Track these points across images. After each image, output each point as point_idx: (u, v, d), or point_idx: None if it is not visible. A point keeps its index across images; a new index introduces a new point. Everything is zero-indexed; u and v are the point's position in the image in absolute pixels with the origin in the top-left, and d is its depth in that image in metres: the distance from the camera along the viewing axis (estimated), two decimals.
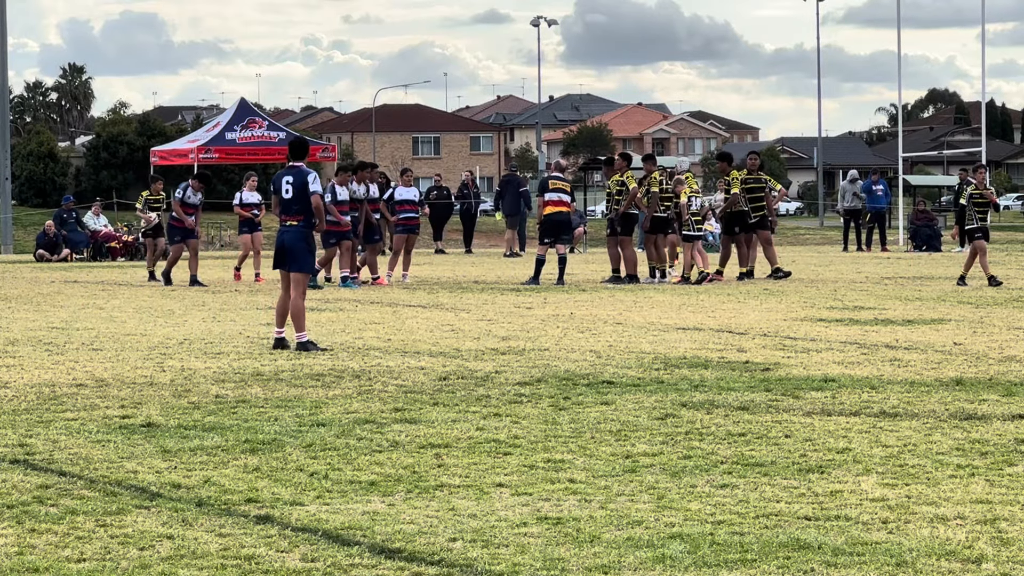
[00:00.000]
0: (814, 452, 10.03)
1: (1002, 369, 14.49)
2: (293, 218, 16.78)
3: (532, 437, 10.70)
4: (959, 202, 36.79)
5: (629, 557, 7.18)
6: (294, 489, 8.93)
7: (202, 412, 11.97)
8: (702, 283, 28.49)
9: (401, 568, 7.06)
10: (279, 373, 14.45)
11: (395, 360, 15.49)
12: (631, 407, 12.07)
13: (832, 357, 15.56)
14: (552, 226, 28.97)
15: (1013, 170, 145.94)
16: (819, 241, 60.46)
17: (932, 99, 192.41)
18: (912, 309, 22.01)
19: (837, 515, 8.06)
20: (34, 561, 7.21)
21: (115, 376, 14.35)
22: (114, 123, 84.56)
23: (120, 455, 10.10)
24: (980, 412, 11.74)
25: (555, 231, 29.04)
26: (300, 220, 16.72)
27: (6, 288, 29.01)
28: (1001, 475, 9.21)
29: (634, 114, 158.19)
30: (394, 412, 11.90)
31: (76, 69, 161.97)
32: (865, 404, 12.18)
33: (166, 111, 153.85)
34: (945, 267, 35.31)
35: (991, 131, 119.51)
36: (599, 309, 22.35)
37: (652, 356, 15.71)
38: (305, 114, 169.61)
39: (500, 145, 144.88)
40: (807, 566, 6.97)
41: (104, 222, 46.94)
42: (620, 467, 9.55)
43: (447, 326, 19.52)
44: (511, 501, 8.54)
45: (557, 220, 28.93)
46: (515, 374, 14.23)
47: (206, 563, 7.15)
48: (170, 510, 8.33)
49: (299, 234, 16.69)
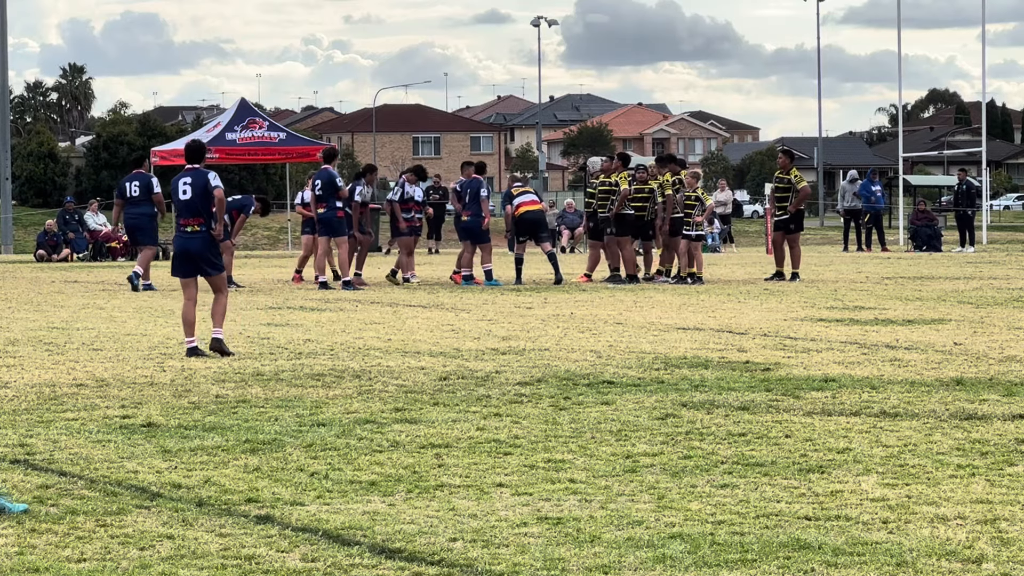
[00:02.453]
0: (814, 452, 10.03)
1: (1002, 369, 14.49)
2: (194, 221, 16.38)
3: (532, 437, 10.70)
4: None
5: (629, 557, 7.18)
6: (294, 489, 8.92)
7: (202, 412, 11.97)
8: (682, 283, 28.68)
9: (401, 568, 7.06)
10: (279, 373, 14.44)
11: (395, 360, 15.49)
12: (631, 407, 12.07)
13: (832, 357, 15.56)
14: (527, 225, 29.07)
15: (1013, 170, 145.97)
16: (819, 241, 60.46)
17: (932, 99, 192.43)
18: (912, 309, 22.01)
19: (837, 515, 8.06)
20: (34, 561, 7.21)
21: (115, 376, 14.35)
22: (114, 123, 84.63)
23: (120, 455, 10.10)
24: (980, 412, 11.73)
25: (530, 229, 29.13)
26: (201, 223, 16.36)
27: (6, 288, 29.01)
28: (1001, 475, 9.21)
29: (634, 114, 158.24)
30: (394, 412, 11.90)
31: (76, 69, 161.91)
32: (865, 404, 12.17)
33: (166, 111, 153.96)
34: (945, 267, 35.32)
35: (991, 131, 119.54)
36: (599, 309, 22.34)
37: (652, 356, 15.70)
38: (305, 114, 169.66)
39: (500, 145, 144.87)
40: (807, 566, 6.97)
41: (103, 220, 46.92)
42: (620, 467, 9.55)
43: (447, 326, 19.51)
44: (511, 501, 8.54)
45: (531, 219, 29.04)
46: (515, 374, 14.23)
47: (206, 563, 7.15)
48: (170, 510, 8.33)
49: (205, 240, 16.29)
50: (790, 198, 30.22)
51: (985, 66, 56.80)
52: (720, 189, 52.88)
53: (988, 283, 28.48)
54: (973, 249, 46.34)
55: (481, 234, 29.07)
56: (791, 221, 30.24)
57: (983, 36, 70.11)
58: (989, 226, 59.66)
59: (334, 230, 27.69)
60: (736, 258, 43.31)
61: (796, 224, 30.36)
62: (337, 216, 27.67)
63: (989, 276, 31.15)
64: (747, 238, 60.75)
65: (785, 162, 31.04)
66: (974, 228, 49.25)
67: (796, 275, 29.85)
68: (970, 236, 47.73)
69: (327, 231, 27.82)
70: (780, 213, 30.46)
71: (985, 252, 45.63)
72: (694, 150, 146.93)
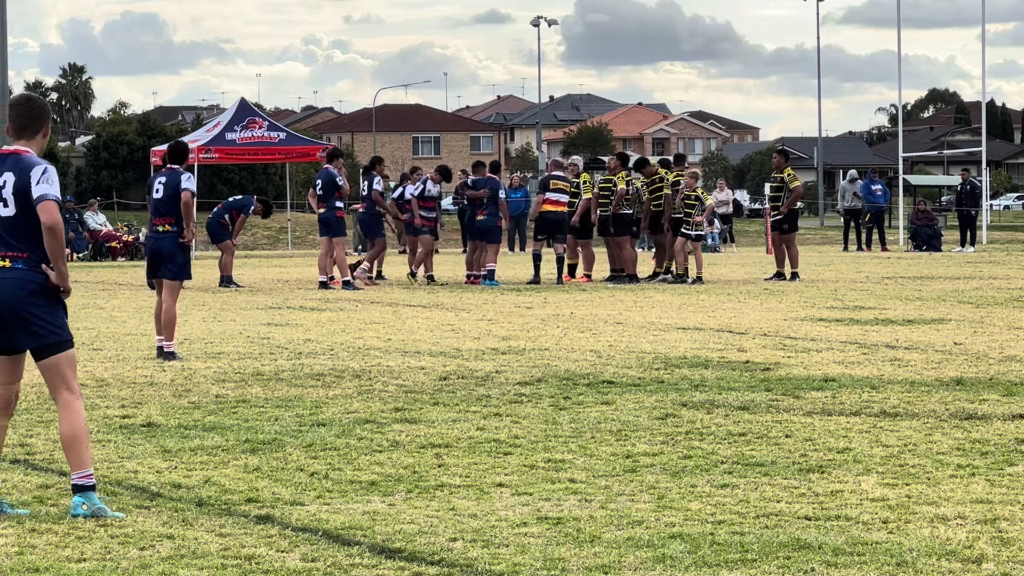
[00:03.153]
0: (814, 452, 10.03)
1: (1002, 369, 14.49)
2: (164, 220, 16.27)
3: (532, 437, 10.70)
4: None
5: (629, 557, 7.18)
6: (294, 489, 8.92)
7: (202, 412, 11.97)
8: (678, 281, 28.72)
9: (401, 568, 7.06)
10: (279, 373, 14.44)
11: (395, 360, 15.48)
12: (631, 407, 12.07)
13: (832, 357, 15.56)
14: (547, 224, 29.07)
15: (1013, 170, 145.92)
16: (819, 241, 60.45)
17: (932, 99, 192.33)
18: (912, 309, 22.01)
19: (837, 515, 8.06)
20: (34, 561, 7.21)
21: (115, 376, 14.35)
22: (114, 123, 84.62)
23: (120, 455, 10.10)
24: (980, 412, 11.73)
25: (549, 229, 29.13)
26: (172, 223, 16.22)
27: None
28: (1001, 475, 9.21)
29: (634, 114, 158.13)
30: (394, 412, 11.90)
31: (76, 69, 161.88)
32: (865, 404, 12.17)
33: (166, 111, 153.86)
34: (945, 267, 35.32)
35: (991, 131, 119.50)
36: (599, 309, 22.35)
37: (652, 356, 15.70)
38: (305, 114, 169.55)
39: (500, 145, 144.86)
40: (807, 566, 6.97)
41: (102, 220, 46.93)
42: (620, 467, 9.55)
43: (447, 326, 19.51)
44: (511, 501, 8.54)
45: (552, 219, 29.03)
46: (515, 374, 14.23)
47: (206, 563, 7.15)
48: (170, 510, 8.33)
49: (173, 241, 16.15)
50: (783, 198, 30.33)
51: (985, 66, 56.86)
52: (719, 189, 52.88)
53: (988, 283, 28.49)
54: (973, 249, 46.34)
55: (495, 234, 29.14)
56: (784, 221, 30.32)
57: (983, 36, 70.23)
58: (989, 226, 59.63)
59: (333, 230, 27.70)
60: (736, 258, 43.32)
61: (790, 224, 30.41)
62: (337, 216, 27.69)
63: (989, 276, 31.16)
64: (747, 238, 60.75)
65: (780, 161, 31.15)
66: (975, 228, 49.28)
67: (796, 275, 29.85)
68: (971, 236, 47.76)
69: (327, 231, 27.85)
70: (775, 213, 30.64)
71: (985, 252, 45.63)
72: (694, 150, 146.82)
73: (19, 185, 8.32)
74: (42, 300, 8.36)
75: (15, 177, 8.34)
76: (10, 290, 8.29)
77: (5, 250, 8.34)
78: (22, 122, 8.47)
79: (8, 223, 8.33)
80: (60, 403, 8.46)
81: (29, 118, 8.48)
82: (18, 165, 8.37)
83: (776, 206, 30.57)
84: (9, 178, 8.35)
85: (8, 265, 8.33)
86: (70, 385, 8.49)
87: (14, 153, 8.43)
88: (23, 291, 8.29)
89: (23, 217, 8.32)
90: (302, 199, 74.23)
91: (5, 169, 8.38)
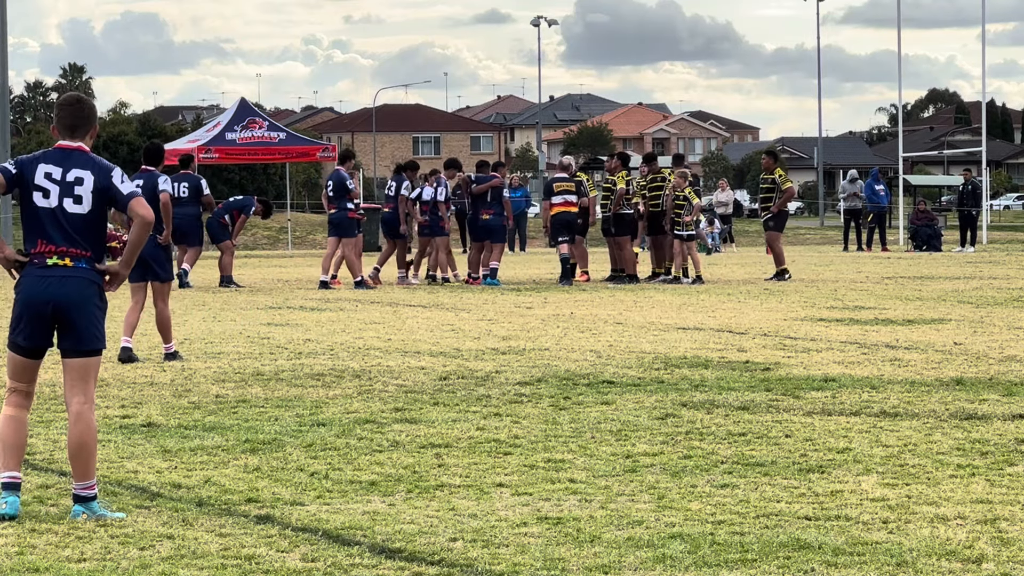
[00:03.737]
0: (814, 452, 10.03)
1: (1002, 369, 14.49)
2: None
3: (532, 437, 10.70)
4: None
5: (629, 557, 7.18)
6: (294, 489, 8.92)
7: (202, 412, 11.97)
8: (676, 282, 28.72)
9: (401, 568, 7.06)
10: (279, 373, 14.44)
11: (395, 360, 15.48)
12: (631, 407, 12.07)
13: (832, 357, 15.56)
14: (563, 224, 29.09)
15: (1013, 170, 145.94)
16: (819, 241, 60.47)
17: (932, 99, 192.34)
18: (912, 309, 22.01)
19: (837, 515, 8.06)
20: (34, 561, 7.21)
21: (115, 376, 14.35)
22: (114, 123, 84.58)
23: (120, 455, 10.10)
24: (980, 412, 11.73)
25: (570, 229, 29.19)
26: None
27: (6, 288, 28.99)
28: (1001, 475, 9.21)
29: (634, 114, 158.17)
30: (394, 412, 11.90)
31: (76, 69, 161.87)
32: (865, 404, 12.17)
33: (166, 111, 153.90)
34: (945, 267, 35.32)
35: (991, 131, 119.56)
36: (599, 309, 22.35)
37: (652, 356, 15.70)
38: (305, 114, 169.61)
39: (500, 145, 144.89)
40: (807, 566, 6.97)
41: None
42: (620, 467, 9.55)
43: (447, 326, 19.51)
44: (511, 501, 8.54)
45: (568, 219, 29.07)
46: (515, 374, 14.23)
47: (206, 563, 7.15)
48: (170, 510, 8.33)
49: (154, 243, 15.91)
50: (774, 198, 30.52)
51: (985, 66, 56.86)
52: (721, 189, 52.91)
53: (988, 283, 28.49)
54: (973, 249, 46.35)
55: (500, 233, 29.16)
56: (771, 219, 30.50)
57: (983, 36, 70.13)
58: (989, 226, 59.65)
59: (344, 231, 27.70)
60: (736, 258, 43.32)
61: (775, 223, 30.52)
62: (348, 217, 27.67)
63: (989, 276, 31.17)
64: (747, 238, 60.74)
65: (769, 163, 31.57)
66: (976, 228, 49.30)
67: (781, 272, 29.90)
68: (972, 236, 47.77)
69: (336, 231, 27.84)
70: (765, 214, 30.84)
71: (985, 252, 45.63)
72: (694, 150, 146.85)
73: (100, 185, 8.36)
74: (101, 303, 8.38)
75: (94, 177, 8.37)
76: (75, 290, 8.27)
77: (70, 247, 8.29)
78: (74, 122, 8.48)
79: (79, 221, 8.32)
80: (72, 411, 8.35)
81: (80, 118, 8.50)
82: (95, 164, 8.41)
83: (767, 206, 30.78)
84: (87, 176, 8.35)
85: (71, 264, 8.29)
86: (87, 392, 8.36)
87: (79, 150, 8.44)
88: (88, 291, 8.29)
89: (96, 216, 8.37)
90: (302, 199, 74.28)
91: (75, 165, 8.37)
